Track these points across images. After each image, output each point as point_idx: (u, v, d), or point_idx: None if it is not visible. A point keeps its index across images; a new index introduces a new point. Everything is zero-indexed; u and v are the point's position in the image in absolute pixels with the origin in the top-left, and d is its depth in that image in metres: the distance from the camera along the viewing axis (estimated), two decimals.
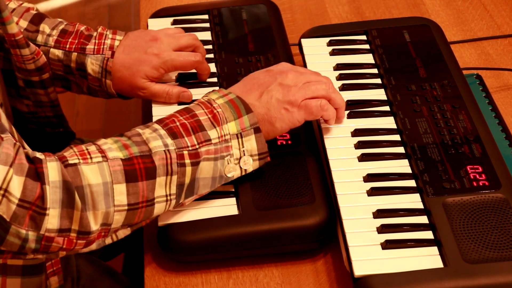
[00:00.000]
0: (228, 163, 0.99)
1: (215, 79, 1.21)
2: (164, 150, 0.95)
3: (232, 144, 0.99)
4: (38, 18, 1.21)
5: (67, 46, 1.18)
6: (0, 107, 1.04)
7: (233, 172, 1.00)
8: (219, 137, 0.99)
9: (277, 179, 1.04)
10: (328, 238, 1.02)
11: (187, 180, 0.97)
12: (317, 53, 1.24)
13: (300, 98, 1.04)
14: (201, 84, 1.20)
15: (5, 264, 1.02)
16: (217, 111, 1.00)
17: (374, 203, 1.00)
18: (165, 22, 1.32)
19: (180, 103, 1.18)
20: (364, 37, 1.26)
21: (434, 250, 0.95)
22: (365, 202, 1.00)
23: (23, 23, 1.19)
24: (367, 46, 1.25)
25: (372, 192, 1.01)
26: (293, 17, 1.45)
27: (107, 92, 1.19)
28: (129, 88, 1.18)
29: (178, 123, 0.98)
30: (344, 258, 0.98)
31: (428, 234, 0.96)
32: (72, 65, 1.18)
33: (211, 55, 1.25)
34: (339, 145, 1.08)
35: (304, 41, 1.26)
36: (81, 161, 0.92)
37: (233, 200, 1.03)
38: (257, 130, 1.00)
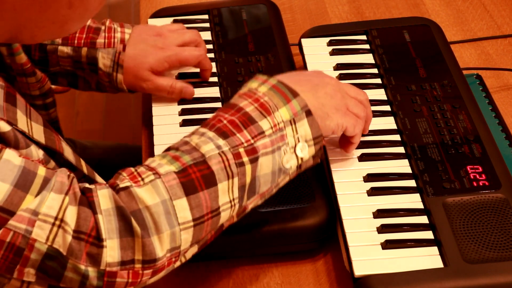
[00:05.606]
0: (284, 153, 0.91)
1: (215, 79, 1.21)
2: (219, 153, 0.87)
3: (287, 132, 0.91)
4: None
5: (75, 41, 1.16)
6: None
7: (291, 162, 0.92)
8: (272, 127, 0.90)
9: None
10: (328, 238, 1.02)
11: (248, 179, 0.88)
12: (317, 53, 1.24)
13: (347, 106, 1.00)
14: (202, 84, 1.20)
15: None
16: (264, 100, 0.92)
17: (374, 203, 1.00)
18: (165, 22, 1.32)
19: (179, 103, 1.18)
20: (364, 37, 1.26)
21: (434, 250, 0.95)
22: (365, 202, 1.00)
23: None
24: (367, 46, 1.24)
25: (372, 192, 1.01)
26: (293, 17, 1.44)
27: (116, 87, 1.18)
28: (133, 79, 1.17)
29: (225, 121, 0.90)
30: (344, 258, 0.98)
31: (428, 234, 0.96)
32: (82, 60, 1.17)
33: (211, 55, 1.25)
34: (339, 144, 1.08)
35: (304, 41, 1.26)
36: (133, 184, 0.84)
37: None
38: (308, 113, 0.93)
